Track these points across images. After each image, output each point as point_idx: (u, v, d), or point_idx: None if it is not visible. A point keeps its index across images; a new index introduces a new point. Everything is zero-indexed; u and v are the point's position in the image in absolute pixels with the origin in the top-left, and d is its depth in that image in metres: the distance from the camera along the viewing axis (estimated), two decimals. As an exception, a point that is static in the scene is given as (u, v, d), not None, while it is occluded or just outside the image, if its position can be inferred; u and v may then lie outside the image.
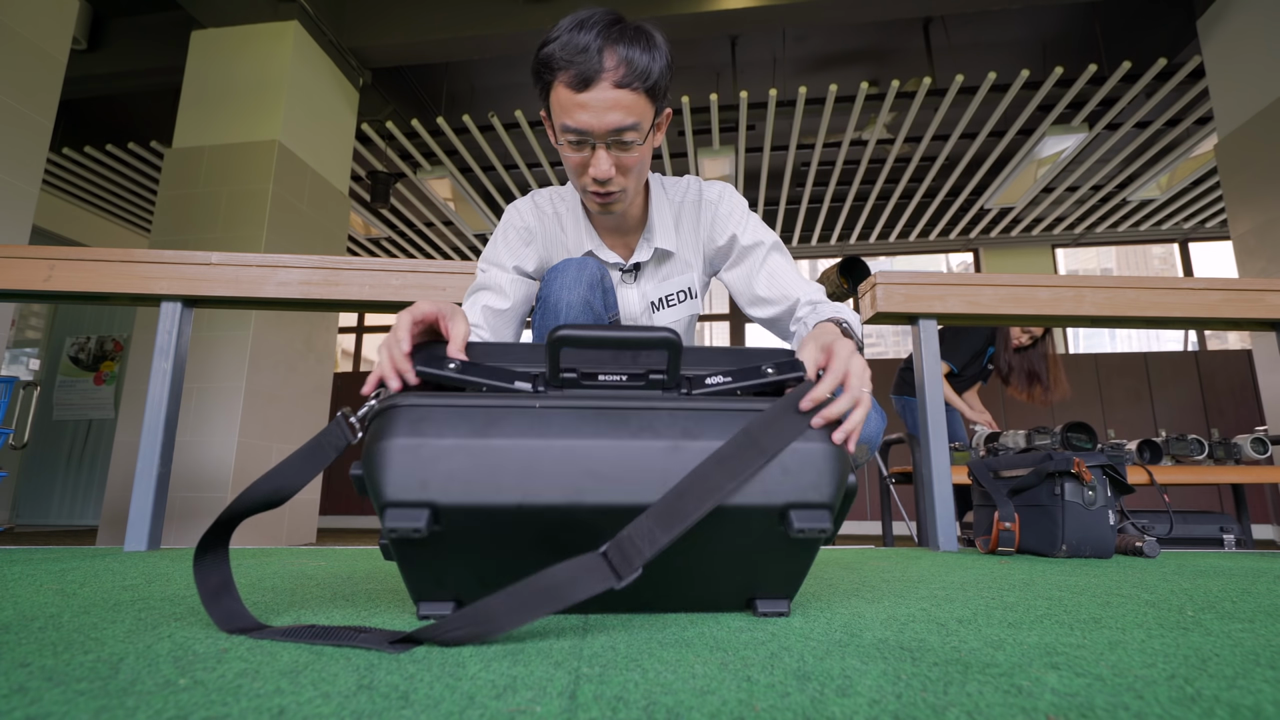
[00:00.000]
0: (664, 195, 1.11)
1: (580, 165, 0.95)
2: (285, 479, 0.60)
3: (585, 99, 0.88)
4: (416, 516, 0.53)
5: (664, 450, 0.57)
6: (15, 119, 2.41)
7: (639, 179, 0.99)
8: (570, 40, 0.87)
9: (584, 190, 0.99)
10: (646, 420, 0.59)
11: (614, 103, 0.88)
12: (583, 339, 0.60)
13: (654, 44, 0.90)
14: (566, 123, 0.90)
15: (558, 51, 0.88)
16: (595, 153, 0.92)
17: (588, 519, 0.56)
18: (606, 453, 0.57)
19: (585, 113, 0.88)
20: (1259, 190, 3.36)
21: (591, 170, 0.93)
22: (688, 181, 1.13)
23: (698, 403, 0.61)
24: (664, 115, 0.98)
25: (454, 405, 0.58)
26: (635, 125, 0.90)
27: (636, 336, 0.61)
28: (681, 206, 1.11)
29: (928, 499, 1.75)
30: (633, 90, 0.88)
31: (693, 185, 1.12)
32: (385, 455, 0.55)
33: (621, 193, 0.98)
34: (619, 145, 0.92)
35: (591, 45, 0.86)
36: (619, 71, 0.87)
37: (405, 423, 0.56)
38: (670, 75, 0.94)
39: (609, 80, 0.87)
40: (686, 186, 1.12)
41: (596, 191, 0.97)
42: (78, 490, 5.60)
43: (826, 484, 0.59)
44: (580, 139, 0.91)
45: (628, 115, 0.89)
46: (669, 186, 1.12)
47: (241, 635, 0.56)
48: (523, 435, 0.56)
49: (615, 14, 0.91)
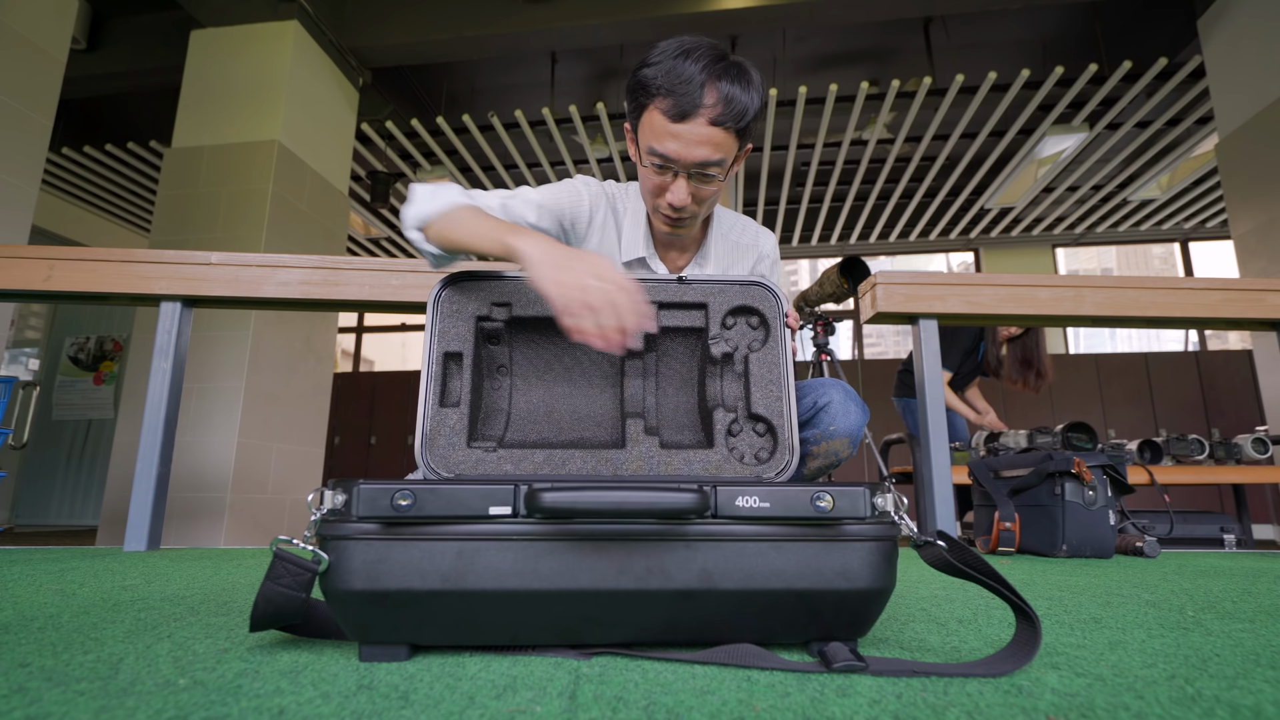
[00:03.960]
0: (719, 227, 1.14)
1: (659, 188, 0.97)
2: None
3: (679, 130, 0.89)
4: (395, 654, 0.50)
5: (675, 598, 0.50)
6: (15, 119, 2.40)
7: (710, 208, 1.03)
8: (674, 68, 0.88)
9: (655, 209, 1.01)
10: (656, 559, 0.50)
11: (706, 139, 0.89)
12: (572, 509, 0.48)
13: (752, 83, 0.91)
14: (655, 147, 0.92)
15: (660, 78, 0.88)
16: (676, 180, 0.94)
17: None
18: (606, 601, 0.50)
19: (676, 143, 0.90)
20: (1259, 190, 3.36)
21: (670, 196, 0.96)
22: (745, 223, 1.17)
23: (721, 527, 0.51)
24: (745, 149, 1.00)
25: (416, 539, 0.49)
26: (720, 162, 0.92)
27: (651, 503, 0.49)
28: (737, 246, 1.15)
29: (928, 499, 1.74)
30: (725, 129, 0.89)
31: (749, 228, 1.17)
32: (345, 605, 0.49)
33: (692, 219, 1.01)
34: (701, 178, 0.94)
35: (695, 79, 0.87)
36: (717, 110, 0.88)
37: (361, 565, 0.48)
38: (763, 113, 0.96)
39: (705, 117, 0.88)
40: (744, 228, 1.17)
41: (669, 215, 0.99)
42: (77, 490, 5.59)
43: (864, 624, 0.53)
44: (665, 165, 0.93)
45: (715, 152, 0.91)
46: (726, 220, 1.16)
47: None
48: (504, 579, 0.49)
49: (720, 48, 0.91)
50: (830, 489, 0.51)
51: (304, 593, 0.51)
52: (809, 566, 0.50)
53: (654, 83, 0.89)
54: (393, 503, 0.49)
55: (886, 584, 0.51)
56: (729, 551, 0.50)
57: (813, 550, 0.50)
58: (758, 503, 0.50)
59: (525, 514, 0.49)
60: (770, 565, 0.50)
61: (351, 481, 0.50)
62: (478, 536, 0.49)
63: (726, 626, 0.52)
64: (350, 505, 0.49)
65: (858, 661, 0.47)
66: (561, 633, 0.51)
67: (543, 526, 0.49)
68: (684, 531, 0.50)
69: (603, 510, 0.47)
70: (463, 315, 0.84)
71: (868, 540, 0.51)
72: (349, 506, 0.49)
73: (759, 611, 0.51)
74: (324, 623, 0.56)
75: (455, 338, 0.82)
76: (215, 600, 0.78)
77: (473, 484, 0.50)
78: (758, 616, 0.51)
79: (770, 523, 0.50)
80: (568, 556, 0.49)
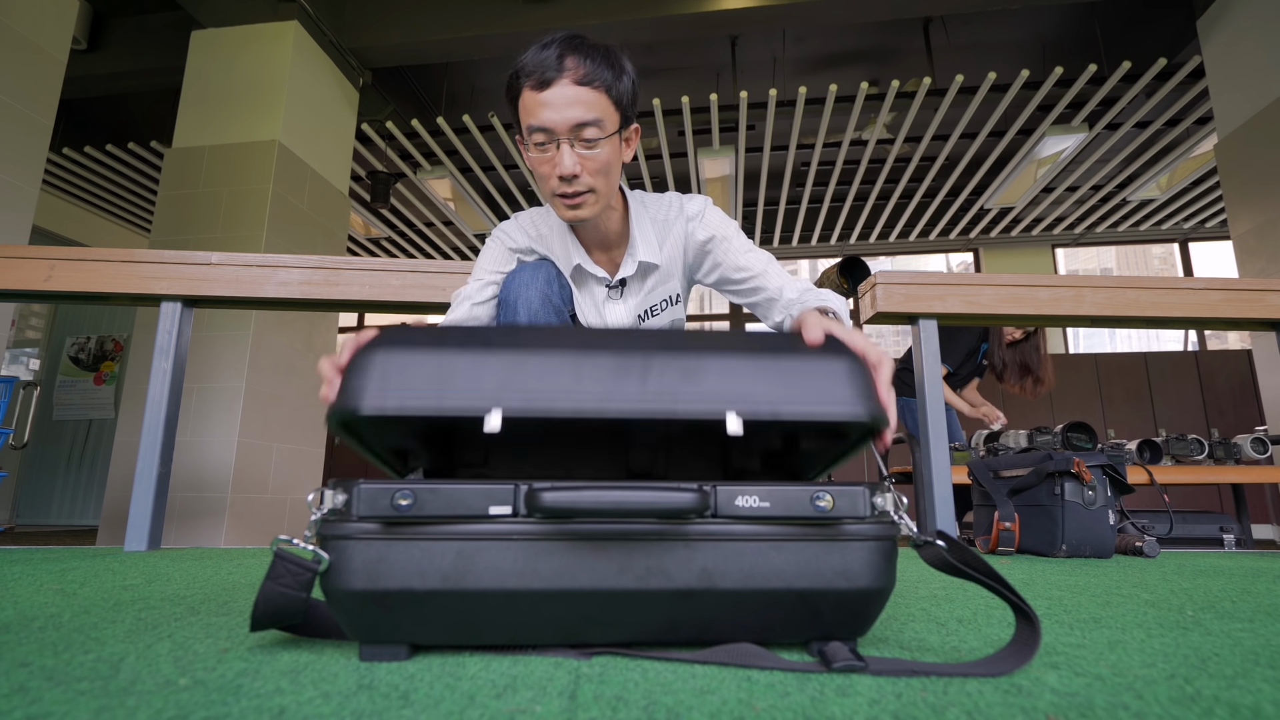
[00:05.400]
0: (644, 211, 1.13)
1: (549, 166, 0.97)
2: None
3: (546, 97, 0.92)
4: (396, 654, 0.50)
5: (675, 597, 0.50)
6: (15, 119, 2.40)
7: (607, 182, 1.00)
8: (534, 55, 0.93)
9: (552, 196, 1.00)
10: (656, 559, 0.50)
11: (574, 98, 0.92)
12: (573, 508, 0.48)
13: (613, 56, 0.96)
14: (531, 123, 0.94)
15: (524, 66, 0.94)
16: (560, 150, 0.94)
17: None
18: (606, 601, 0.50)
19: (547, 109, 0.92)
20: (1259, 190, 3.36)
21: (557, 168, 0.95)
22: (670, 198, 1.15)
23: (721, 527, 0.51)
24: (632, 129, 1.02)
25: (417, 539, 0.49)
26: (597, 121, 0.93)
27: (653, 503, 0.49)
28: (665, 224, 1.13)
29: (927, 499, 1.75)
30: (593, 89, 0.92)
31: (674, 201, 1.14)
32: (345, 605, 0.49)
33: (590, 194, 0.98)
34: (583, 143, 0.94)
35: (552, 53, 0.92)
36: (578, 71, 0.92)
37: (361, 565, 0.48)
38: (635, 91, 0.99)
39: (569, 78, 0.92)
40: (669, 203, 1.14)
41: (564, 193, 0.98)
42: (78, 490, 5.59)
43: (863, 624, 0.53)
44: (546, 138, 0.94)
45: (589, 111, 0.92)
46: (650, 203, 1.14)
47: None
48: (504, 579, 0.49)
49: (577, 33, 0.96)
50: (830, 489, 0.51)
51: (304, 593, 0.51)
52: (809, 566, 0.50)
53: (519, 71, 0.94)
54: (393, 502, 0.49)
55: (886, 584, 0.51)
56: (729, 551, 0.50)
57: (812, 550, 0.50)
58: (757, 502, 0.50)
59: (525, 513, 0.49)
60: (770, 565, 0.50)
61: (351, 481, 0.50)
62: (478, 536, 0.49)
63: (726, 626, 0.52)
64: (350, 505, 0.49)
65: (857, 661, 0.47)
66: (561, 632, 0.51)
67: (543, 526, 0.49)
68: (684, 531, 0.50)
69: (603, 510, 0.47)
70: None
71: (867, 540, 0.51)
72: (349, 506, 0.49)
73: (759, 611, 0.51)
74: (324, 623, 0.56)
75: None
76: (215, 600, 0.78)
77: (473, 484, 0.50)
78: (757, 616, 0.51)
79: (770, 522, 0.50)
80: (568, 556, 0.49)
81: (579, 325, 1.15)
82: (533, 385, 0.52)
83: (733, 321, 7.46)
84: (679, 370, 0.53)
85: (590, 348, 0.54)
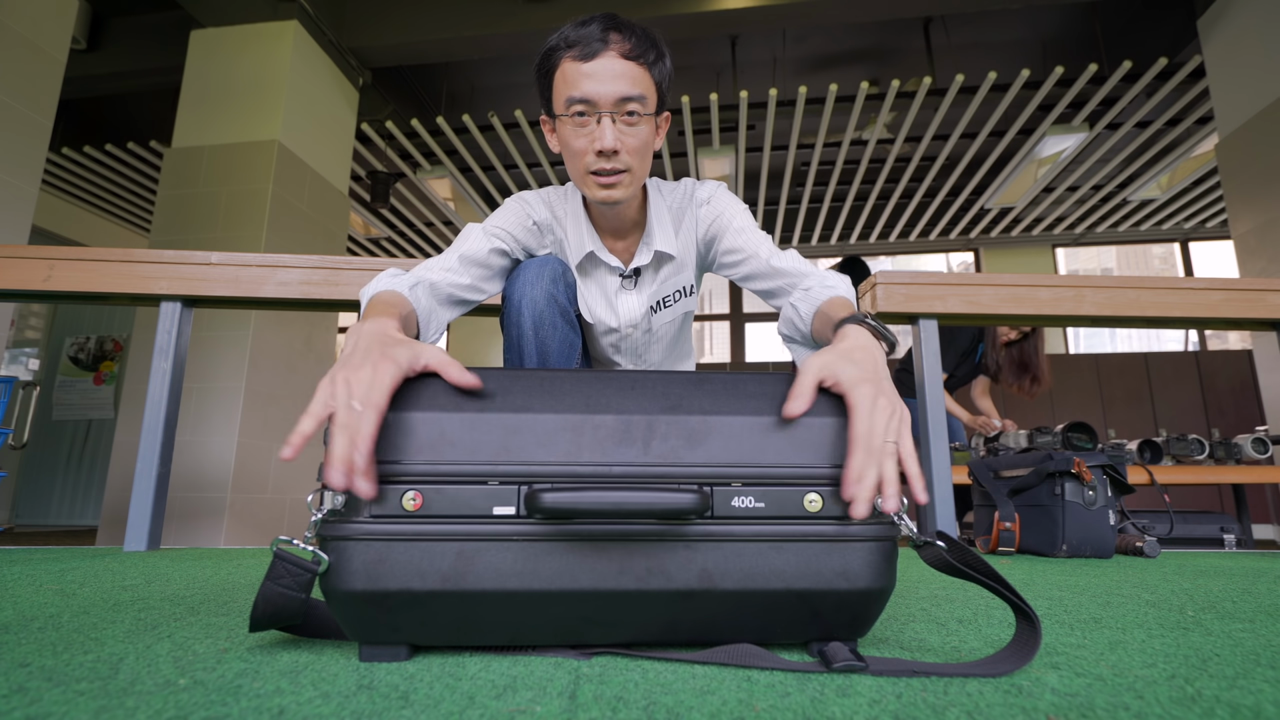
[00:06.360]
0: (661, 198, 1.09)
1: (586, 141, 0.92)
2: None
3: (591, 68, 0.89)
4: (396, 654, 0.50)
5: (675, 598, 0.50)
6: (15, 119, 2.40)
7: (643, 164, 0.96)
8: (574, 29, 0.90)
9: (586, 173, 0.95)
10: (657, 559, 0.50)
11: (621, 72, 0.89)
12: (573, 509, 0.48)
13: (655, 38, 0.93)
14: (573, 94, 0.89)
15: (562, 40, 0.90)
16: (601, 124, 0.90)
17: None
18: (607, 602, 0.50)
19: (591, 81, 0.89)
20: (1259, 190, 3.36)
21: (598, 142, 0.90)
22: (683, 184, 1.11)
23: (721, 528, 0.50)
24: (664, 117, 0.98)
25: (417, 539, 0.49)
26: (641, 98, 0.90)
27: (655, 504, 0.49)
28: (679, 211, 1.09)
29: (927, 499, 1.75)
30: (639, 64, 0.90)
31: (687, 186, 1.10)
32: (345, 605, 0.49)
33: (626, 173, 0.94)
34: (625, 118, 0.91)
35: (595, 29, 0.89)
36: (625, 45, 0.89)
37: (361, 566, 0.48)
38: (671, 78, 0.96)
39: (616, 51, 0.89)
40: (683, 190, 1.10)
41: (600, 170, 0.93)
42: (77, 490, 5.59)
43: (863, 624, 0.53)
44: (586, 110, 0.90)
45: (634, 85, 0.90)
46: (665, 190, 1.10)
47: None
48: (504, 579, 0.49)
49: (615, 13, 0.93)
50: (830, 489, 0.51)
51: (304, 593, 0.50)
52: (809, 566, 0.50)
53: (558, 45, 0.91)
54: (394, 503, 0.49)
55: (886, 584, 0.51)
56: (729, 551, 0.50)
57: (812, 550, 0.50)
58: (753, 503, 0.50)
59: (525, 514, 0.49)
60: (770, 565, 0.50)
61: None
62: (478, 537, 0.49)
63: (726, 626, 0.52)
64: (350, 505, 0.49)
65: (858, 661, 0.47)
66: (562, 633, 0.51)
67: (543, 527, 0.49)
68: (684, 532, 0.50)
69: (603, 510, 0.47)
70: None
71: (867, 540, 0.51)
72: (349, 507, 0.49)
73: (759, 611, 0.51)
74: (324, 623, 0.56)
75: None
76: (215, 600, 0.78)
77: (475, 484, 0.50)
78: (758, 616, 0.51)
79: (770, 522, 0.50)
80: (568, 557, 0.49)
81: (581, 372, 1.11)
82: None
83: (732, 321, 7.46)
84: (682, 436, 0.53)
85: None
